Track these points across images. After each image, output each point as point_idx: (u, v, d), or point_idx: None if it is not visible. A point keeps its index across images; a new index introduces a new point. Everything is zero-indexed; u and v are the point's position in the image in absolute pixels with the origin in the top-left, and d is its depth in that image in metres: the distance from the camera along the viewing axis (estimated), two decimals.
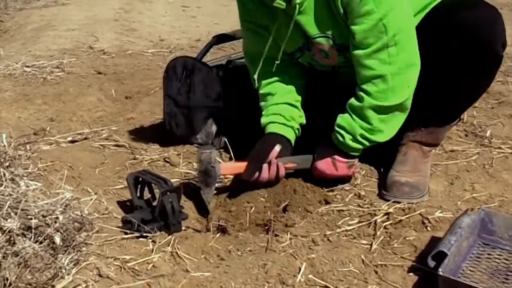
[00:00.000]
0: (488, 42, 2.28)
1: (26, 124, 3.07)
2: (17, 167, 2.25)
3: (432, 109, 2.44)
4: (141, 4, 6.67)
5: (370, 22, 2.13)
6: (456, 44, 2.28)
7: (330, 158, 2.37)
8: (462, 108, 2.54)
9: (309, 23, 2.29)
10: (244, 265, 1.93)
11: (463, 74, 2.33)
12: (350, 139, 2.29)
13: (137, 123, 3.15)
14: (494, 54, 2.32)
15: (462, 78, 2.34)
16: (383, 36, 2.13)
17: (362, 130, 2.27)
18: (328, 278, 1.87)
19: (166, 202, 2.11)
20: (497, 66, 2.38)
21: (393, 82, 2.18)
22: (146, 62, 4.34)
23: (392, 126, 2.29)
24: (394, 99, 2.21)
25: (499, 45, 2.30)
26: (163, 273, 1.88)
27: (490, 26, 2.29)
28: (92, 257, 1.90)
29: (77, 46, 4.67)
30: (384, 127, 2.27)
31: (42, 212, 1.82)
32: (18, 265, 1.70)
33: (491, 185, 2.53)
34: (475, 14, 2.29)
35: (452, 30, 2.28)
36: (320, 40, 2.33)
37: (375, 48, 2.16)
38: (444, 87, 2.38)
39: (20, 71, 3.87)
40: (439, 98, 2.41)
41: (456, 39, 2.28)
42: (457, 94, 2.40)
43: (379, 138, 2.29)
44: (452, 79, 2.35)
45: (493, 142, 2.92)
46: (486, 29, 2.28)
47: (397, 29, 2.13)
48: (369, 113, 2.24)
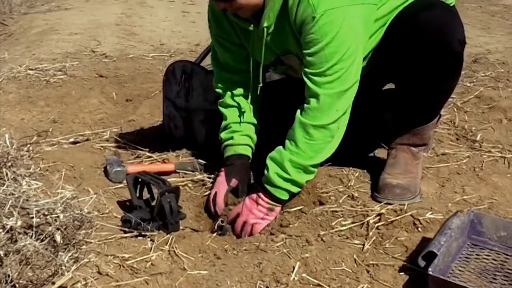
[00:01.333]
0: (444, 40, 2.29)
1: (29, 126, 3.07)
2: (19, 167, 2.26)
3: (409, 112, 2.47)
4: (142, 9, 6.67)
5: (314, 49, 2.17)
6: (415, 46, 2.30)
7: (256, 194, 2.29)
8: (437, 106, 2.52)
9: (274, 43, 2.34)
10: (240, 263, 1.93)
11: (428, 74, 2.34)
12: (276, 172, 2.22)
13: (137, 125, 3.15)
14: (452, 51, 2.32)
15: (428, 78, 2.36)
16: (322, 65, 2.17)
17: (289, 155, 2.21)
18: (321, 277, 1.88)
19: (165, 202, 2.11)
20: (459, 63, 2.38)
21: (323, 103, 2.19)
22: (146, 65, 4.35)
23: (317, 151, 2.23)
24: (321, 119, 2.20)
25: (455, 42, 2.31)
26: (161, 271, 1.88)
27: (445, 25, 2.31)
28: (92, 255, 1.90)
29: (80, 50, 4.66)
30: (310, 151, 2.22)
31: (43, 210, 1.82)
32: (20, 262, 1.71)
33: (481, 188, 2.54)
34: (430, 14, 2.31)
35: (411, 32, 2.30)
36: (288, 56, 2.40)
37: (314, 71, 2.19)
38: (414, 89, 2.40)
39: (23, 74, 3.87)
40: (412, 100, 2.43)
41: (414, 41, 2.30)
42: (428, 94, 2.41)
43: (305, 161, 2.22)
44: (419, 80, 2.37)
45: (483, 146, 2.93)
46: (441, 27, 2.30)
47: (337, 60, 2.16)
48: (298, 133, 2.22)
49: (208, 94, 2.79)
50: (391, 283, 1.87)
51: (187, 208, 2.35)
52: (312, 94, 2.21)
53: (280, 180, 2.23)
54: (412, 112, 2.47)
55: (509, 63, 4.42)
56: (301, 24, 2.18)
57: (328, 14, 2.12)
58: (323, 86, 2.19)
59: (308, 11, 2.14)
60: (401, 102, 2.43)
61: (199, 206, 2.41)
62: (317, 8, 2.12)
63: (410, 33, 2.29)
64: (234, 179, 2.38)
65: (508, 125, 3.23)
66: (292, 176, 2.21)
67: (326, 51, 2.15)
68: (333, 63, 2.16)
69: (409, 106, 2.45)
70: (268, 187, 2.25)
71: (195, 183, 2.56)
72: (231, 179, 2.38)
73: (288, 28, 2.27)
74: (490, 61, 4.43)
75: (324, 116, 2.20)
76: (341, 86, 2.19)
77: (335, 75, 2.17)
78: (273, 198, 2.25)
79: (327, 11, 2.12)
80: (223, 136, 2.52)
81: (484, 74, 4.08)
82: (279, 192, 2.24)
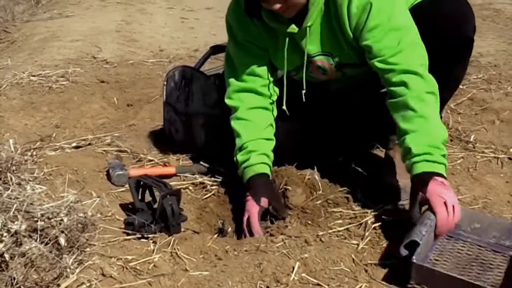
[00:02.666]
0: (460, 25, 2.32)
1: (32, 131, 3.06)
2: (23, 172, 2.25)
3: None
4: (142, 16, 6.67)
5: (381, 34, 2.17)
6: (430, 34, 2.30)
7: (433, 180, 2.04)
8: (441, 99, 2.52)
9: (312, 43, 2.31)
10: (241, 264, 1.92)
11: (439, 62, 2.33)
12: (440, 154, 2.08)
13: (138, 129, 3.14)
14: (467, 36, 2.34)
15: (438, 66, 2.34)
16: (395, 43, 2.17)
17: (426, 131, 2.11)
18: (320, 277, 1.87)
19: (166, 204, 2.11)
20: (470, 50, 2.39)
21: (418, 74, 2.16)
22: (146, 71, 4.34)
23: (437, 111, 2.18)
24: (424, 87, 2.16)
25: (470, 28, 2.34)
26: (164, 272, 1.88)
27: (461, 12, 2.33)
28: (96, 257, 1.89)
29: (81, 56, 4.66)
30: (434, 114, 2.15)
31: (47, 214, 1.81)
32: (25, 265, 1.70)
33: (475, 188, 2.54)
34: (449, 3, 2.33)
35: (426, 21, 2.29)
36: (320, 58, 2.36)
37: (391, 54, 2.17)
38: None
39: (26, 80, 3.86)
40: None
41: (430, 30, 2.29)
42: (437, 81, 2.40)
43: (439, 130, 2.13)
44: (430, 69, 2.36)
45: (477, 147, 2.93)
46: (458, 14, 2.32)
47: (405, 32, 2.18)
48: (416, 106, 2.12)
49: (207, 98, 2.79)
50: (389, 282, 1.86)
51: (188, 210, 2.34)
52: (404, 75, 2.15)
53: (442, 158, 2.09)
54: None
55: (501, 66, 4.43)
56: (358, 16, 2.17)
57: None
58: (407, 61, 2.17)
59: (362, 0, 2.14)
60: None
61: (200, 209, 2.40)
62: None
63: (426, 21, 2.29)
64: (263, 198, 2.26)
65: (500, 126, 3.23)
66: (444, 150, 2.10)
67: (393, 29, 2.16)
68: (401, 36, 2.17)
69: None
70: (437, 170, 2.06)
71: (195, 186, 2.56)
72: (260, 198, 2.25)
73: (327, 27, 2.26)
74: (482, 64, 4.43)
75: (424, 83, 2.16)
76: (418, 50, 2.20)
77: (410, 47, 2.18)
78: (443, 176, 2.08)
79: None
80: (240, 159, 2.40)
81: (477, 76, 4.09)
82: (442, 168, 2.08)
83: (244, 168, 2.38)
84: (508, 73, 4.21)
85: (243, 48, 2.43)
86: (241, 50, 2.43)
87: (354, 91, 2.53)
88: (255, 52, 2.42)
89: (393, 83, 2.18)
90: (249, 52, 2.43)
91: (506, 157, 2.83)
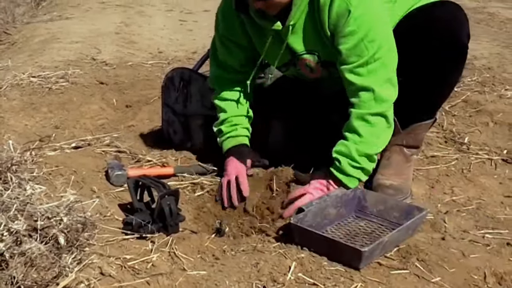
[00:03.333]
0: (455, 32, 2.34)
1: (32, 131, 3.06)
2: (23, 172, 2.24)
3: (407, 107, 2.43)
4: (141, 18, 6.67)
5: (352, 42, 2.20)
6: (425, 40, 2.33)
7: (325, 180, 2.31)
8: (436, 102, 2.53)
9: (297, 41, 2.36)
10: (238, 264, 1.92)
11: (434, 68, 2.36)
12: (348, 161, 2.25)
13: (137, 130, 3.14)
14: (461, 43, 2.35)
15: (433, 72, 2.37)
16: (364, 54, 2.20)
17: (355, 145, 2.25)
18: (316, 276, 1.87)
19: (164, 204, 2.11)
20: (464, 56, 2.40)
21: (374, 92, 2.22)
22: (145, 73, 4.34)
23: (380, 139, 2.29)
24: (377, 107, 2.23)
25: (464, 35, 2.36)
26: (162, 271, 1.87)
27: (456, 19, 2.36)
28: (94, 256, 1.89)
29: (81, 57, 4.66)
30: (372, 138, 2.26)
31: (47, 214, 1.81)
32: (25, 264, 1.70)
33: (469, 189, 2.55)
34: (443, 10, 2.36)
35: (421, 28, 2.33)
36: (306, 56, 2.39)
37: (357, 64, 2.22)
38: (417, 83, 2.39)
39: (27, 81, 3.85)
40: (413, 94, 2.39)
41: (424, 36, 2.33)
42: (429, 87, 2.42)
43: (372, 149, 2.27)
44: (426, 72, 2.37)
45: (471, 148, 2.94)
46: (453, 21, 2.34)
47: (378, 48, 2.20)
48: (357, 124, 2.25)
49: (205, 100, 2.79)
50: (384, 282, 1.87)
51: (186, 210, 2.34)
52: (361, 87, 2.23)
53: (352, 169, 2.25)
54: (410, 107, 2.44)
55: (494, 68, 4.44)
56: (336, 20, 2.20)
57: (361, 5, 2.17)
58: (370, 76, 2.22)
59: (342, 5, 2.17)
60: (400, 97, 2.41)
61: (197, 209, 2.40)
62: (351, 1, 2.16)
63: (421, 27, 2.33)
64: (248, 159, 2.44)
65: (494, 128, 3.24)
66: (362, 164, 2.25)
67: (366, 41, 2.19)
68: (374, 50, 2.20)
69: (412, 99, 2.41)
70: (340, 176, 2.27)
71: (193, 186, 2.55)
72: (246, 160, 2.44)
73: (312, 27, 2.29)
74: (476, 67, 4.45)
75: (378, 104, 2.23)
76: (385, 71, 2.23)
77: (378, 62, 2.21)
78: (343, 185, 2.29)
79: (360, 2, 2.17)
80: (225, 129, 2.56)
81: (471, 79, 4.10)
82: (350, 180, 2.27)
83: (228, 138, 2.56)
84: (502, 76, 4.22)
85: (224, 44, 2.54)
86: (222, 46, 2.55)
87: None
88: (234, 50, 2.53)
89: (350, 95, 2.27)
90: (228, 49, 2.54)
91: (500, 158, 2.84)
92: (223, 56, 2.57)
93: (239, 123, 2.56)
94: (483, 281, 1.90)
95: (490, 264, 1.99)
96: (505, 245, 2.11)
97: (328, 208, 2.19)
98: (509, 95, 3.75)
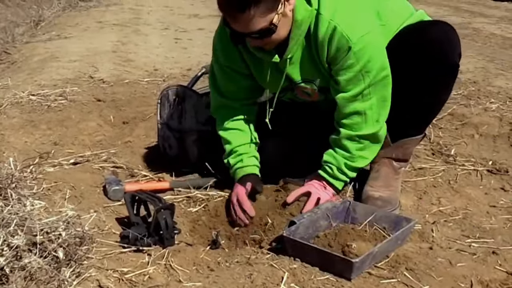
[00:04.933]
0: (446, 52, 2.35)
1: (32, 148, 3.06)
2: (23, 188, 2.25)
3: (397, 123, 2.45)
4: (137, 37, 6.69)
5: (351, 74, 2.23)
6: (417, 59, 2.34)
7: (321, 183, 2.40)
8: (425, 120, 2.57)
9: (295, 71, 2.37)
10: (232, 275, 1.93)
11: (425, 86, 2.38)
12: (337, 169, 2.36)
13: (134, 146, 3.15)
14: (453, 63, 2.38)
15: (424, 90, 2.39)
16: (361, 84, 2.24)
17: (344, 160, 2.34)
18: (308, 286, 1.87)
19: (160, 218, 2.11)
20: (455, 75, 2.43)
21: (366, 116, 2.29)
22: (141, 90, 4.35)
23: (368, 153, 2.39)
24: (367, 129, 2.30)
25: (455, 55, 2.38)
26: (158, 283, 1.88)
27: (448, 39, 2.37)
28: (93, 269, 1.89)
29: (79, 76, 4.67)
30: (361, 153, 2.36)
31: (46, 229, 1.82)
32: (25, 278, 1.70)
33: (456, 199, 2.56)
34: (436, 29, 2.38)
35: (413, 47, 2.35)
36: (304, 84, 2.40)
37: (354, 93, 2.27)
38: (408, 100, 2.41)
39: (26, 99, 3.86)
40: (404, 111, 2.42)
41: (417, 55, 2.34)
42: (420, 105, 2.44)
43: (360, 163, 2.38)
44: (415, 92, 2.40)
45: (457, 160, 2.95)
46: (445, 41, 2.36)
47: (373, 77, 2.24)
48: (346, 142, 2.33)
49: (199, 116, 2.80)
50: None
51: (181, 223, 2.34)
52: (354, 111, 2.29)
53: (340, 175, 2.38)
54: (402, 123, 2.46)
55: (479, 82, 4.47)
56: (335, 54, 2.22)
57: (361, 41, 2.19)
58: (364, 101, 2.27)
59: (342, 42, 2.18)
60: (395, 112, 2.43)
61: (192, 222, 2.41)
62: (351, 38, 2.17)
63: (413, 46, 2.35)
64: (248, 183, 2.42)
65: (479, 140, 3.26)
66: (349, 175, 2.39)
67: (363, 72, 2.22)
68: (370, 80, 2.24)
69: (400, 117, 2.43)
70: (330, 180, 2.38)
71: (188, 200, 2.56)
72: (246, 183, 2.42)
73: (309, 58, 2.31)
74: (462, 81, 4.47)
75: (368, 126, 2.30)
76: (379, 96, 2.28)
77: (373, 88, 2.25)
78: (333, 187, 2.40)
79: (359, 38, 2.18)
80: (232, 161, 2.52)
81: (457, 92, 4.12)
82: (339, 183, 2.40)
83: (236, 169, 2.50)
84: (487, 89, 4.25)
85: (225, 73, 2.50)
86: (223, 74, 2.51)
87: None
88: (236, 78, 2.49)
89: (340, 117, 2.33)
90: (230, 77, 2.50)
91: (485, 169, 2.85)
92: (225, 85, 2.52)
93: (245, 152, 2.51)
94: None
95: (477, 272, 2.00)
96: (490, 254, 2.12)
97: (319, 220, 2.20)
98: (494, 108, 3.77)
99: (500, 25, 7.32)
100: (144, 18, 8.22)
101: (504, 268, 2.03)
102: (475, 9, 8.75)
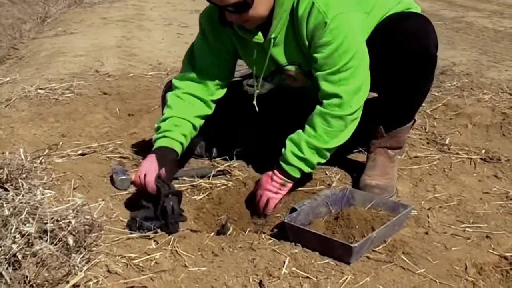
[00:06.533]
0: (423, 44, 2.35)
1: (40, 140, 3.06)
2: (33, 178, 2.26)
3: (388, 115, 2.50)
4: (141, 32, 6.68)
5: (327, 51, 2.22)
6: (397, 51, 2.35)
7: (271, 171, 2.36)
8: (413, 108, 2.57)
9: (279, 53, 2.37)
10: (236, 260, 1.94)
11: (408, 78, 2.39)
12: (291, 151, 2.29)
13: (139, 137, 3.15)
14: (430, 54, 2.38)
15: (407, 82, 2.39)
16: (336, 63, 2.23)
17: (307, 137, 2.28)
18: (309, 270, 1.88)
19: (167, 203, 2.12)
20: (434, 65, 2.43)
21: (342, 99, 2.25)
22: (146, 83, 4.35)
23: (332, 139, 2.30)
24: (339, 111, 2.26)
25: (432, 46, 2.38)
26: (165, 268, 1.89)
27: (423, 32, 2.37)
28: (102, 255, 1.90)
29: (85, 70, 4.66)
30: (326, 136, 2.29)
31: (56, 217, 1.82)
32: (36, 264, 1.71)
33: (450, 187, 2.56)
34: (410, 23, 2.38)
35: (392, 40, 2.35)
36: (289, 67, 2.40)
37: (329, 71, 2.25)
38: (394, 92, 2.44)
39: (34, 93, 3.86)
40: (391, 103, 2.46)
41: (396, 47, 2.35)
42: (405, 96, 2.46)
43: (320, 144, 2.29)
44: (400, 84, 2.41)
45: (451, 149, 2.96)
46: (421, 34, 2.36)
47: (349, 58, 2.22)
48: (317, 120, 2.28)
49: None
50: (372, 274, 1.88)
51: (186, 211, 2.35)
52: (330, 93, 2.26)
53: (294, 159, 2.29)
54: (390, 114, 2.48)
55: (473, 74, 4.47)
56: (313, 31, 2.21)
57: (337, 19, 2.18)
58: (340, 83, 2.24)
59: (319, 18, 2.18)
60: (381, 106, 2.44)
61: (197, 209, 2.41)
62: (327, 14, 2.17)
63: (392, 40, 2.34)
64: (164, 168, 2.27)
65: (473, 130, 3.26)
66: (306, 155, 2.28)
67: (339, 51, 2.21)
68: (346, 61, 2.22)
69: (389, 109, 2.46)
70: (282, 164, 2.31)
71: (193, 188, 2.57)
72: (162, 167, 2.27)
73: (293, 39, 2.30)
74: (456, 73, 4.47)
75: (342, 109, 2.26)
76: (355, 81, 2.25)
77: (349, 72, 2.23)
78: (286, 174, 2.31)
79: (336, 16, 2.18)
80: (164, 127, 2.42)
81: (451, 84, 4.12)
82: (292, 170, 2.30)
83: (163, 137, 2.40)
84: (479, 81, 4.25)
85: (209, 45, 2.48)
86: (207, 47, 2.48)
87: None
88: (219, 49, 2.47)
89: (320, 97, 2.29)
90: (212, 49, 2.47)
91: (479, 157, 2.86)
92: (203, 58, 2.48)
93: (180, 125, 2.42)
94: (464, 272, 1.92)
95: (471, 256, 2.01)
96: (484, 238, 2.13)
97: (319, 207, 2.22)
98: (486, 99, 3.77)
99: (492, 19, 7.29)
100: (147, 14, 8.20)
101: (497, 251, 2.04)
102: (468, 3, 8.72)
